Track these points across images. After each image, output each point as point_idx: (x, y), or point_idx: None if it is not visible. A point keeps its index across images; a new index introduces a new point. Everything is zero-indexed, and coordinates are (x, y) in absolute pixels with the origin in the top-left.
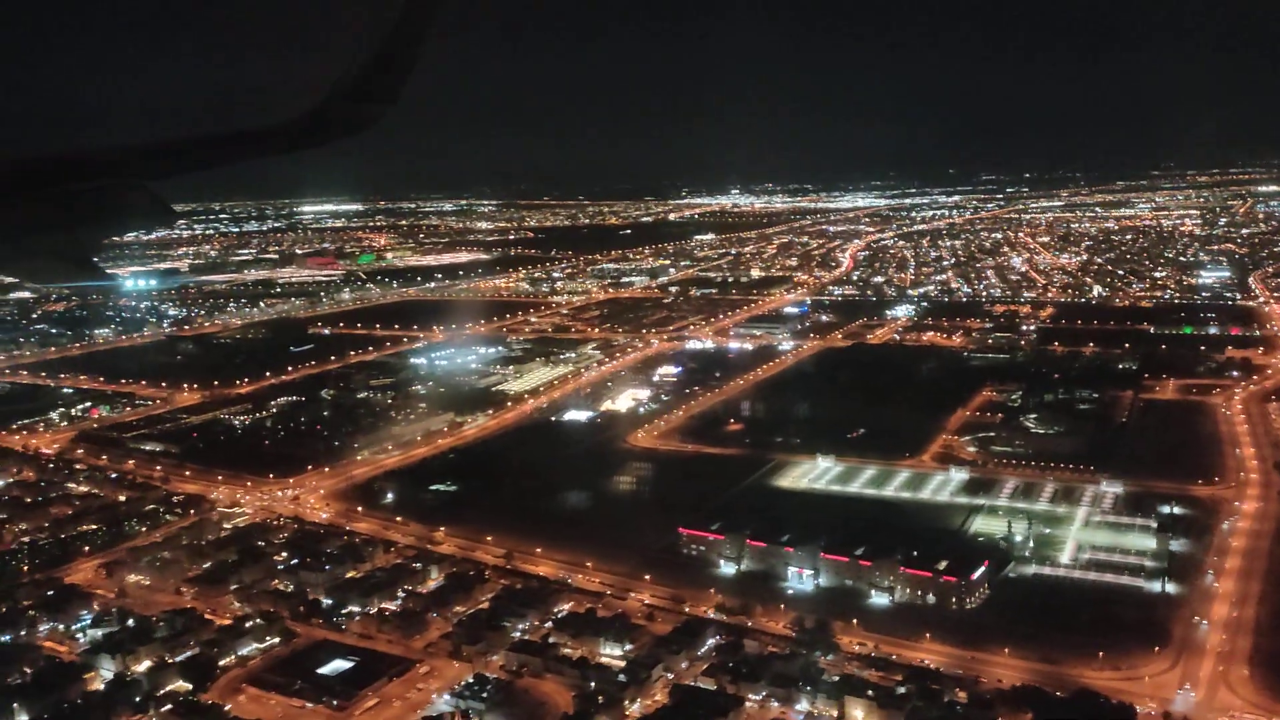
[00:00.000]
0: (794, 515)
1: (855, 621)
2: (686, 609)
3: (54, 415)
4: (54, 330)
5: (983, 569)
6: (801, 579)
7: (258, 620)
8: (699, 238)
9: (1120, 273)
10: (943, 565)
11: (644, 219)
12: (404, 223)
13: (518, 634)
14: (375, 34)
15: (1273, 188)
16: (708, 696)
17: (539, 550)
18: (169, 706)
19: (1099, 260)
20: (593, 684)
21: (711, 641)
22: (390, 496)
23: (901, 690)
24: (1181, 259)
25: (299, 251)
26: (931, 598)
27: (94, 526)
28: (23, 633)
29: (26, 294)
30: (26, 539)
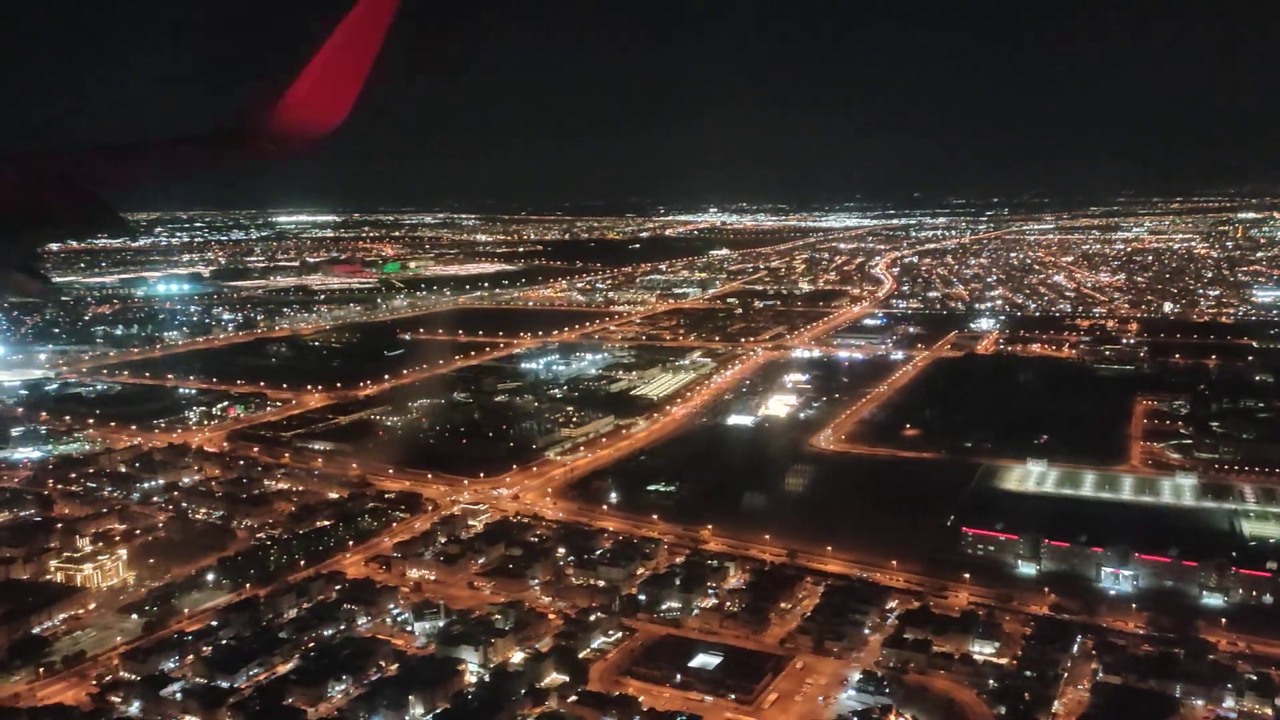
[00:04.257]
0: (1052, 517)
1: (1224, 622)
2: (1017, 607)
3: (190, 415)
4: (117, 332)
5: None
6: (1117, 580)
7: (599, 614)
8: (714, 253)
9: (1174, 290)
10: (1275, 566)
11: (641, 234)
12: (397, 234)
13: (867, 631)
14: (334, 44)
15: (1251, 214)
16: (1139, 696)
17: (829, 549)
18: (573, 698)
19: (1140, 279)
20: (991, 681)
21: (1078, 640)
22: (614, 496)
23: None
24: (1224, 279)
25: (309, 260)
26: (1268, 598)
27: (328, 522)
28: (342, 626)
29: (64, 297)
30: (262, 535)
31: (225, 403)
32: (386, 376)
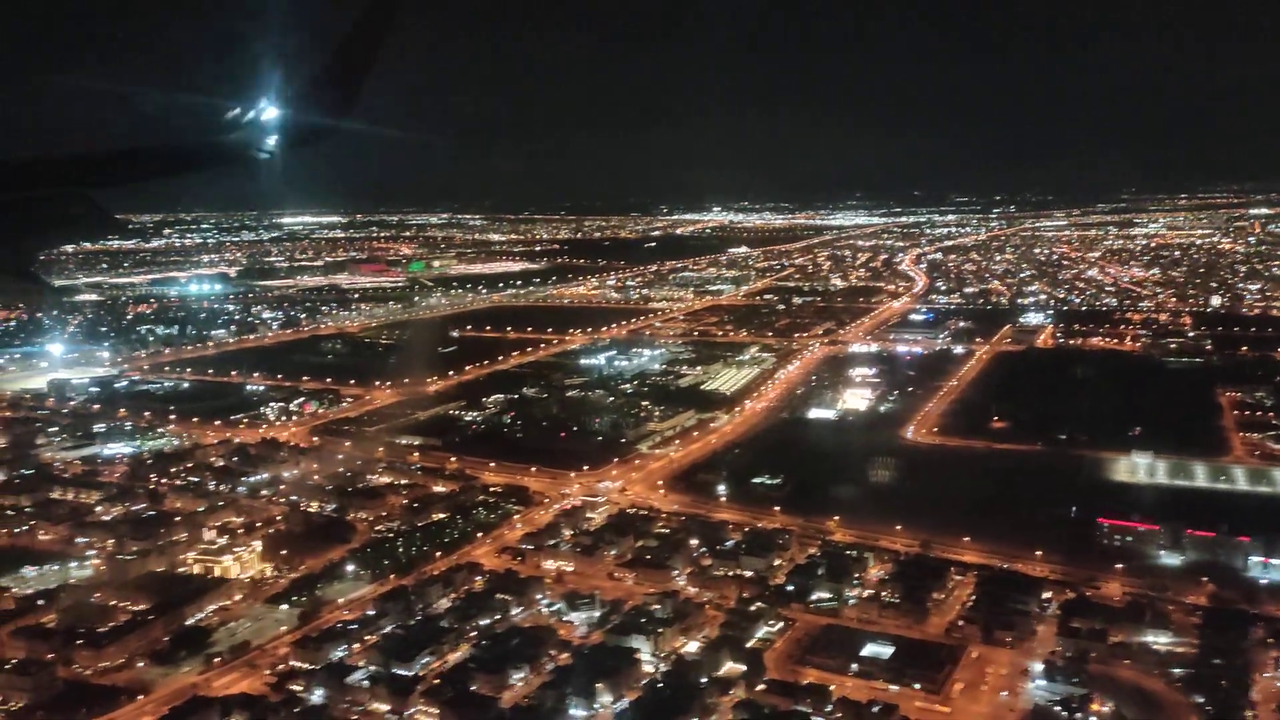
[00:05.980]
0: (1182, 507)
1: None
2: (1174, 597)
3: (267, 411)
4: (159, 331)
5: None
6: (1266, 569)
7: (759, 604)
8: (734, 251)
9: (1213, 285)
10: None
11: (652, 232)
12: (407, 234)
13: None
14: (327, 47)
15: (1264, 210)
16: None
17: (967, 539)
18: (761, 687)
19: (1174, 274)
20: (1178, 670)
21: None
22: (722, 488)
23: None
24: (1258, 273)
25: (329, 259)
26: None
27: (443, 515)
28: (498, 616)
29: (94, 296)
30: (381, 528)
31: (300, 399)
32: (450, 372)
